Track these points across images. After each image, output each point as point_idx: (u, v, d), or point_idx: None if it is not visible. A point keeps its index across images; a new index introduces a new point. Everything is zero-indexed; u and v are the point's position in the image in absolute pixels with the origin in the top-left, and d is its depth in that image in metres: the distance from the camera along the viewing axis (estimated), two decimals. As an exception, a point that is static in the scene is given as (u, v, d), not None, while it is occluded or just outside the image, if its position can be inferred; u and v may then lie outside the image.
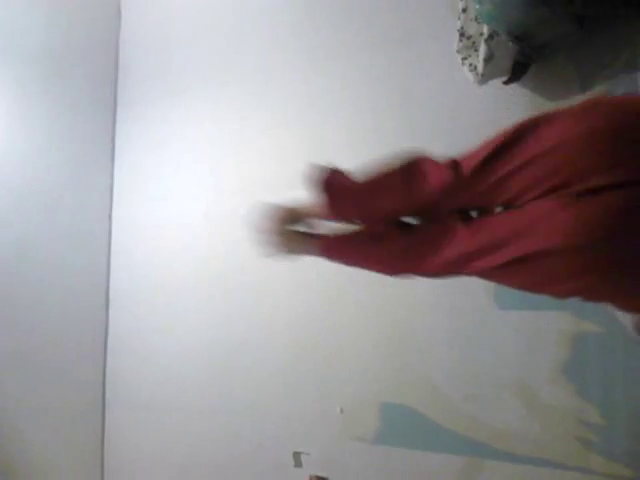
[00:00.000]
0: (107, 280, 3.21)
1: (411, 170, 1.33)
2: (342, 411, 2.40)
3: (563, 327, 1.94)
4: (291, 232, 1.37)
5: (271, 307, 2.63)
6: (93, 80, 3.20)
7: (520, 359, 2.05)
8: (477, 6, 1.82)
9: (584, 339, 1.92)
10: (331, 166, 1.38)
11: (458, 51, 2.02)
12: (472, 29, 1.95)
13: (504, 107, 2.12)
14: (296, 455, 2.49)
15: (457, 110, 2.22)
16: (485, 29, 1.88)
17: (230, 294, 2.77)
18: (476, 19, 1.92)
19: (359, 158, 2.45)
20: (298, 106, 2.65)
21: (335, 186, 1.35)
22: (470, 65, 2.02)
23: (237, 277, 2.75)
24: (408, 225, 1.41)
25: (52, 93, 2.98)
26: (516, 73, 1.98)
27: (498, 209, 1.25)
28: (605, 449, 1.89)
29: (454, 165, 1.28)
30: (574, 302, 1.30)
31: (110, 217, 3.24)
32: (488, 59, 1.91)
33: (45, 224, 2.90)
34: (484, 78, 1.99)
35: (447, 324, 2.19)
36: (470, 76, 2.05)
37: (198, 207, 2.92)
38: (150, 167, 3.13)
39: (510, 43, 1.85)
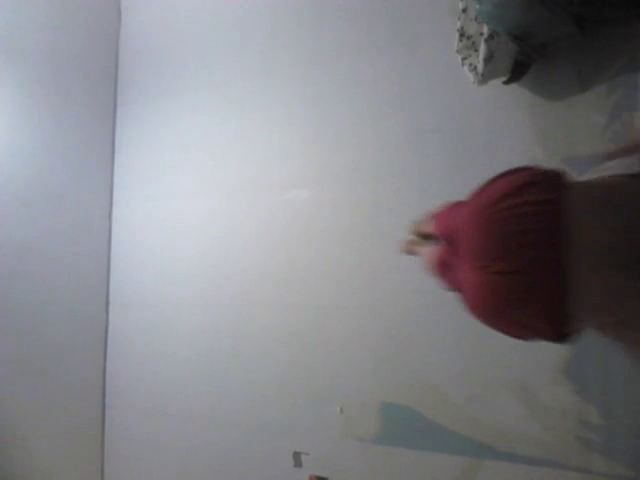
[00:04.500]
0: (107, 280, 3.21)
1: None
2: (342, 411, 2.40)
3: (563, 327, 1.94)
4: None
5: (272, 306, 2.63)
6: (93, 80, 3.20)
7: (520, 359, 2.06)
8: (477, 6, 1.82)
9: (584, 339, 1.92)
10: None
11: (458, 51, 2.02)
12: (472, 29, 1.95)
13: (504, 107, 2.13)
14: (296, 455, 2.50)
15: (457, 110, 2.22)
16: (485, 29, 1.88)
17: (231, 294, 2.77)
18: (476, 19, 1.92)
19: (360, 157, 2.47)
20: (299, 106, 2.65)
21: None
22: (470, 65, 2.02)
23: (238, 276, 2.75)
24: None
25: (52, 93, 2.98)
26: (516, 73, 1.98)
27: None
28: (605, 449, 1.89)
29: None
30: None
31: (110, 217, 3.25)
32: (488, 59, 1.91)
33: (44, 224, 2.90)
34: (484, 78, 1.99)
35: (447, 324, 2.19)
36: (470, 76, 2.05)
37: (198, 207, 2.92)
38: (150, 167, 3.13)
39: (510, 43, 1.85)
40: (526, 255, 0.96)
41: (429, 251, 1.79)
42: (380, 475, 2.31)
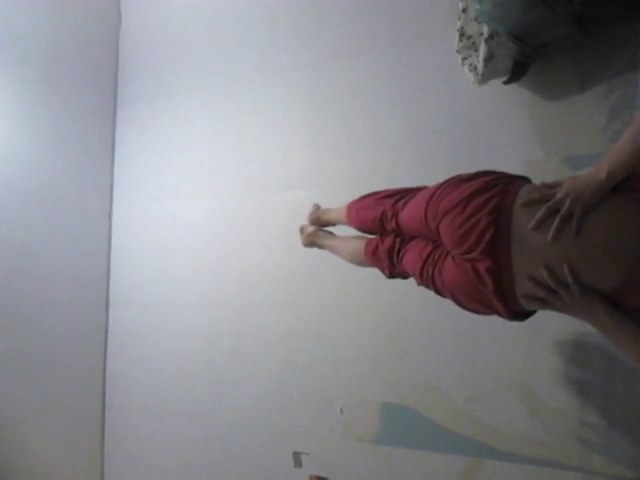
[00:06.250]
0: (107, 280, 3.21)
1: None
2: (342, 411, 2.40)
3: (564, 327, 1.94)
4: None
5: (272, 306, 2.63)
6: (93, 80, 3.20)
7: (521, 359, 2.06)
8: (477, 6, 1.82)
9: (584, 339, 1.92)
10: None
11: (458, 51, 2.02)
12: (472, 29, 1.95)
13: (504, 107, 2.13)
14: (296, 455, 2.49)
15: (457, 110, 2.22)
16: (485, 29, 1.88)
17: (231, 293, 2.77)
18: (476, 19, 1.92)
19: (360, 158, 2.47)
20: (299, 106, 2.65)
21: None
22: (470, 65, 2.02)
23: (238, 276, 2.75)
24: None
25: (52, 93, 2.98)
26: (516, 73, 1.98)
27: None
28: (606, 449, 1.89)
29: None
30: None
31: (110, 217, 3.24)
32: (488, 59, 1.91)
33: (45, 224, 2.90)
34: (484, 78, 1.99)
35: (448, 325, 2.19)
36: (470, 76, 2.05)
37: (198, 207, 2.92)
38: (150, 167, 3.13)
39: (510, 43, 1.86)
40: (480, 244, 1.21)
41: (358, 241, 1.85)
42: (380, 475, 2.31)
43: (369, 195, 1.83)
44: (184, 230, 2.95)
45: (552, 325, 1.94)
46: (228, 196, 2.82)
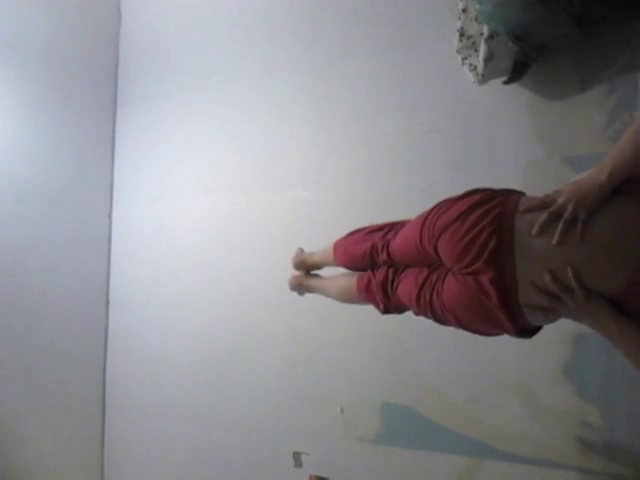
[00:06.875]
0: (107, 280, 3.21)
1: None
2: (342, 411, 2.40)
3: (564, 328, 1.94)
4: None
5: (272, 306, 2.63)
6: (93, 80, 3.20)
7: (521, 360, 2.06)
8: (477, 6, 1.82)
9: (584, 340, 1.92)
10: None
11: (458, 51, 2.02)
12: (472, 29, 1.95)
13: (504, 107, 2.13)
14: (296, 455, 2.49)
15: (457, 110, 2.22)
16: (485, 29, 1.88)
17: (231, 294, 2.77)
18: (476, 19, 1.92)
19: (360, 158, 2.47)
20: (299, 106, 2.65)
21: None
22: (470, 65, 2.02)
23: (238, 276, 2.75)
24: None
25: (52, 93, 2.98)
26: (516, 73, 1.98)
27: None
28: (605, 449, 1.89)
29: None
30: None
31: (110, 217, 3.25)
32: (488, 59, 1.91)
33: (45, 224, 2.90)
34: (484, 78, 1.99)
35: (447, 324, 2.19)
36: (470, 76, 2.05)
37: (198, 207, 2.92)
38: (150, 167, 3.13)
39: (510, 43, 1.86)
40: (483, 254, 1.20)
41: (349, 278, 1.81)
42: (380, 475, 2.31)
43: (355, 232, 1.80)
44: (184, 230, 2.95)
45: (552, 325, 1.93)
46: (228, 196, 2.82)
